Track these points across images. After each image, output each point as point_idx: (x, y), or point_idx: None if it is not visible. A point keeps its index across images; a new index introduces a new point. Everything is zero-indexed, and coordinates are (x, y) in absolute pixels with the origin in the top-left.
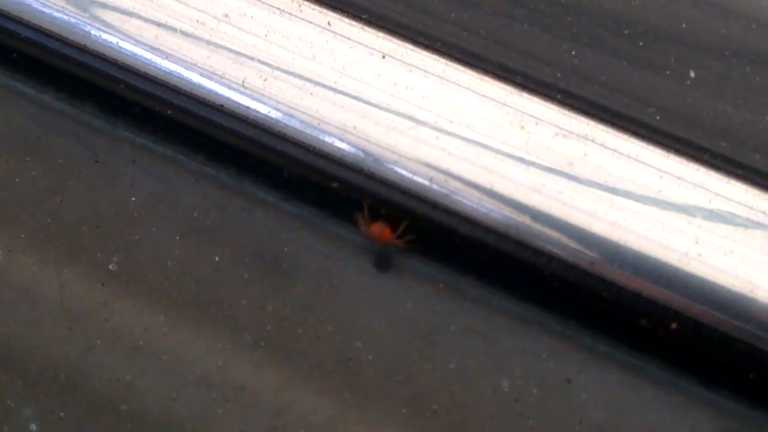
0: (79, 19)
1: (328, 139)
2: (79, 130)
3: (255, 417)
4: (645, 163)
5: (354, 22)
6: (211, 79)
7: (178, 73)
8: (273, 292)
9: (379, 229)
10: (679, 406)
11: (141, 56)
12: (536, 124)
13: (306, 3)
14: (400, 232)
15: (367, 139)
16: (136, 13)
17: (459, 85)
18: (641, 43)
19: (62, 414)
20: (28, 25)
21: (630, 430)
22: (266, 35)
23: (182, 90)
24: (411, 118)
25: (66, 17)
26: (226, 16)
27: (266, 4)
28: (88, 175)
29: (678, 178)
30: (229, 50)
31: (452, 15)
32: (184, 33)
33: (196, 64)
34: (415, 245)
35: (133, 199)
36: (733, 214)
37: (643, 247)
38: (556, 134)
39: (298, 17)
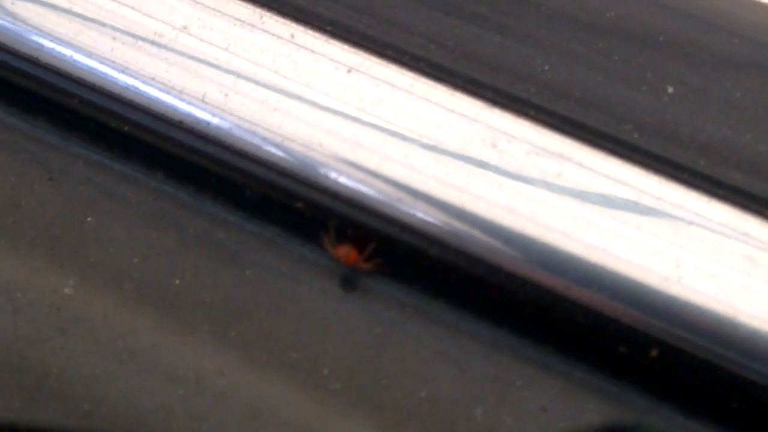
0: (30, 31)
1: (291, 157)
2: (31, 146)
3: None
4: (623, 183)
5: (318, 35)
6: (169, 93)
7: (135, 88)
8: (235, 317)
9: (346, 251)
10: None
11: (96, 69)
12: (509, 141)
13: (268, 14)
14: (368, 254)
15: (333, 156)
16: (90, 25)
17: (428, 100)
18: (616, 57)
19: None
20: None
21: None
22: (227, 47)
23: (139, 105)
24: (378, 134)
25: (16, 28)
26: (185, 27)
27: (227, 15)
28: (41, 194)
29: (657, 198)
30: (189, 63)
31: (420, 27)
32: (141, 45)
33: (153, 78)
34: (383, 267)
35: (89, 219)
36: (715, 236)
37: (621, 269)
38: (530, 152)
39: (260, 29)
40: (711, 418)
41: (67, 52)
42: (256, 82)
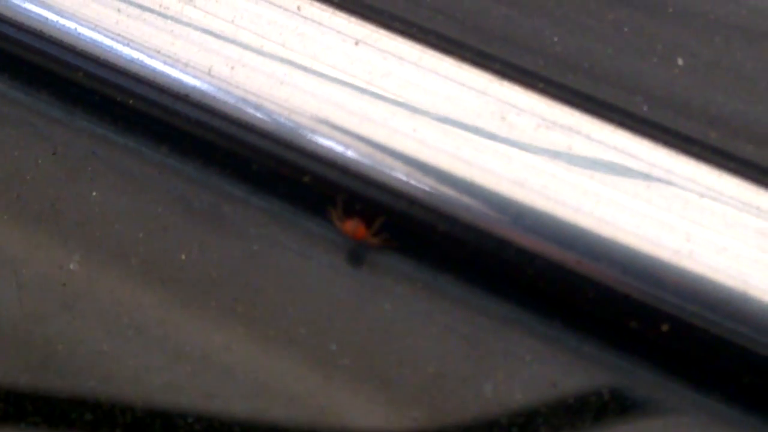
0: (35, 3)
1: (299, 130)
2: (35, 120)
3: (227, 425)
4: (633, 156)
5: (325, 6)
6: (174, 66)
7: (140, 61)
8: (243, 292)
9: (354, 226)
10: (670, 410)
11: (100, 42)
12: (518, 114)
13: None
14: (376, 229)
15: (341, 129)
16: None
17: (436, 72)
18: (626, 29)
19: (22, 424)
20: None
21: None
22: (233, 20)
23: (144, 78)
24: (386, 107)
25: (20, 1)
26: None
27: None
28: (45, 168)
29: (667, 171)
30: (194, 36)
31: None
32: (146, 18)
33: (159, 51)
34: (392, 242)
35: (94, 193)
36: (726, 209)
37: (631, 244)
38: (539, 125)
39: (266, 1)
40: (722, 392)
41: (71, 24)
42: (263, 55)
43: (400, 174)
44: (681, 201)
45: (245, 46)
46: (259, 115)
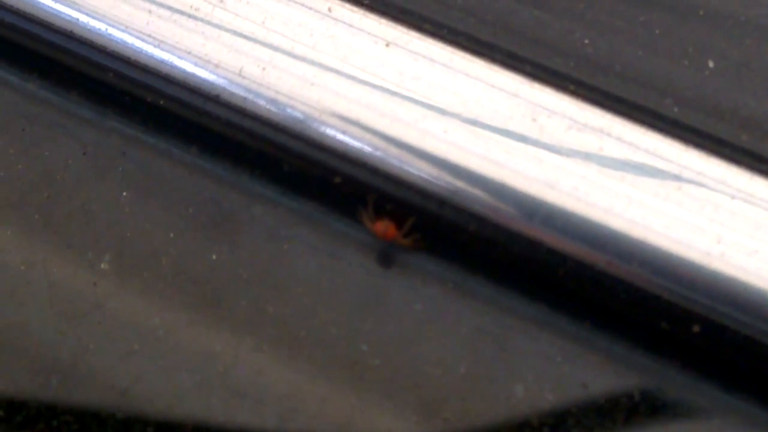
0: (65, 4)
1: (330, 132)
2: (66, 120)
3: (258, 425)
4: (663, 158)
5: (356, 8)
6: (205, 68)
7: (171, 62)
8: (273, 293)
9: (384, 226)
10: (701, 412)
11: (131, 44)
12: (548, 116)
13: None
14: (407, 230)
15: (372, 131)
16: None
17: (467, 74)
18: (657, 31)
19: (55, 422)
20: (10, 10)
21: None
22: (264, 22)
23: (175, 79)
24: (417, 109)
25: (52, 2)
26: (222, 1)
27: None
28: (76, 168)
29: (698, 173)
30: (225, 37)
31: (459, 1)
32: (177, 19)
33: (189, 52)
34: (422, 243)
35: (125, 194)
36: (757, 211)
37: (662, 245)
38: (570, 127)
39: (297, 3)
40: (752, 394)
41: (102, 26)
42: (294, 57)
43: (430, 175)
44: (712, 203)
45: (276, 48)
46: (289, 116)
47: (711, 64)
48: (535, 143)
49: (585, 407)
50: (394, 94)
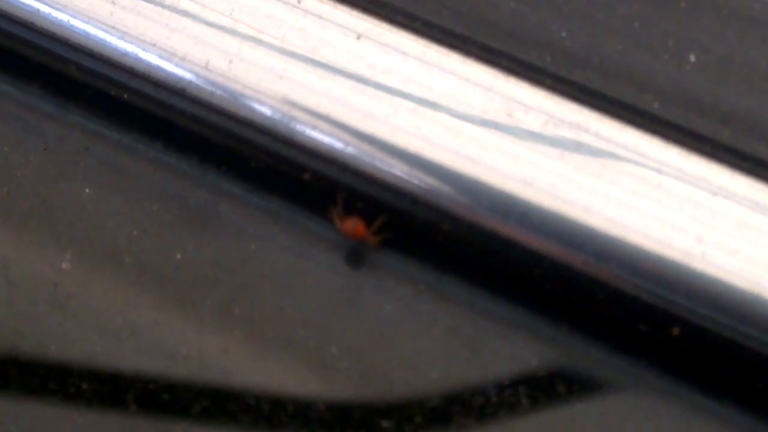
0: None
1: (299, 127)
2: (26, 114)
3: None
4: (643, 154)
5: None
6: (171, 60)
7: (135, 54)
8: (240, 293)
9: (354, 225)
10: (680, 416)
11: (94, 35)
12: (525, 111)
13: None
14: (377, 228)
15: (342, 126)
16: None
17: (441, 68)
18: (637, 24)
19: (12, 428)
20: None
21: None
22: (231, 13)
23: (139, 72)
24: (389, 104)
25: None
26: None
27: None
28: (36, 164)
29: (678, 170)
30: (191, 29)
31: None
32: (141, 9)
33: (154, 44)
34: (393, 242)
35: (87, 190)
36: (739, 210)
37: (641, 245)
38: (547, 122)
39: None
40: (734, 398)
41: (64, 16)
42: (262, 49)
43: (402, 172)
44: (693, 201)
45: (244, 40)
46: (257, 110)
47: (692, 58)
48: (511, 139)
49: (561, 410)
50: (365, 87)
